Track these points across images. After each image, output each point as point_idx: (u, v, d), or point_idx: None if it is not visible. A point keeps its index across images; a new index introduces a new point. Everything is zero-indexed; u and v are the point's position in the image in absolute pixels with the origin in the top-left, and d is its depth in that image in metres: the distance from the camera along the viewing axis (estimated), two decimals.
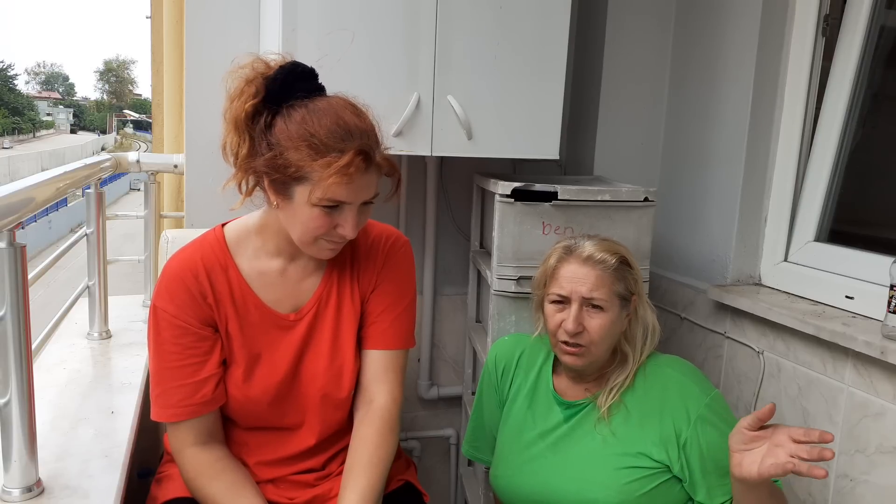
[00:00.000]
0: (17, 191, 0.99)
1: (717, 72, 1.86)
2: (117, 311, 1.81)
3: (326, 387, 1.22)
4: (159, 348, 1.16)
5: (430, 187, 2.08)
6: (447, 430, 2.26)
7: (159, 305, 1.16)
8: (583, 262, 1.26)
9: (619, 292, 1.27)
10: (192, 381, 1.15)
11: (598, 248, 1.28)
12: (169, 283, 1.16)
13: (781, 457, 1.00)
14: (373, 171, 1.08)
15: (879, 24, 1.62)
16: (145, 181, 1.97)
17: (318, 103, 1.08)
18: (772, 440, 1.03)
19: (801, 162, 1.74)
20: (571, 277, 1.26)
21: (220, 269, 1.18)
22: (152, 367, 1.17)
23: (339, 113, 1.07)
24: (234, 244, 1.21)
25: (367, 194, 1.09)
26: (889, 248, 1.51)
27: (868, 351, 1.35)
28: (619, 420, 1.28)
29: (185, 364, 1.15)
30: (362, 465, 1.16)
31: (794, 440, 1.00)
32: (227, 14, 1.81)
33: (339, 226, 1.09)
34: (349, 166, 1.03)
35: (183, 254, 1.20)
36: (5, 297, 0.91)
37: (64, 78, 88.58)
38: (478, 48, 1.66)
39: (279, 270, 1.21)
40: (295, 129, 1.06)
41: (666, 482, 1.24)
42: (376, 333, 1.25)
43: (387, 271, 1.26)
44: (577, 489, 1.27)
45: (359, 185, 1.06)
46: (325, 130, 1.05)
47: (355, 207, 1.09)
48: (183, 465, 1.17)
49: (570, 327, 1.24)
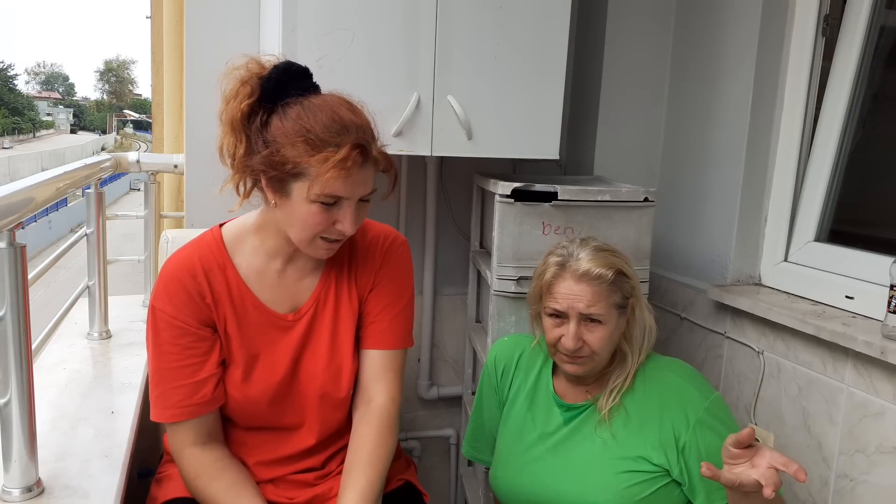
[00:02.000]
0: (17, 191, 0.99)
1: (717, 71, 1.86)
2: (117, 311, 1.81)
3: (325, 386, 1.22)
4: (158, 349, 1.16)
5: (430, 187, 2.08)
6: (447, 430, 2.26)
7: (157, 306, 1.15)
8: (578, 279, 1.24)
9: (616, 302, 1.26)
10: (192, 382, 1.15)
11: (594, 263, 1.25)
12: (167, 283, 1.16)
13: (753, 476, 1.01)
14: (370, 166, 1.09)
15: (879, 24, 1.62)
16: (145, 181, 1.97)
17: (314, 100, 1.08)
18: (753, 461, 1.03)
19: (801, 162, 1.74)
20: (567, 294, 1.24)
21: (218, 269, 1.18)
22: (151, 367, 1.17)
23: (334, 108, 1.07)
24: (231, 244, 1.20)
25: (365, 189, 1.10)
26: (889, 248, 1.51)
27: (868, 351, 1.35)
28: (619, 423, 1.28)
29: (185, 365, 1.15)
30: (361, 465, 1.16)
31: (772, 466, 1.01)
32: (227, 14, 1.81)
33: (338, 222, 1.10)
34: (346, 160, 1.03)
35: (181, 254, 1.19)
36: (5, 297, 0.91)
37: (64, 78, 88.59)
38: (478, 48, 1.66)
39: (277, 270, 1.21)
40: (291, 125, 1.06)
41: (665, 486, 1.24)
42: (375, 333, 1.25)
43: (385, 271, 1.26)
44: (576, 492, 1.27)
45: (356, 179, 1.07)
46: (321, 126, 1.05)
47: (353, 203, 1.09)
48: (183, 465, 1.17)
49: (570, 345, 1.24)
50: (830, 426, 1.47)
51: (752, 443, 1.04)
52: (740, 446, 1.04)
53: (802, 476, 0.98)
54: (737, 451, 1.04)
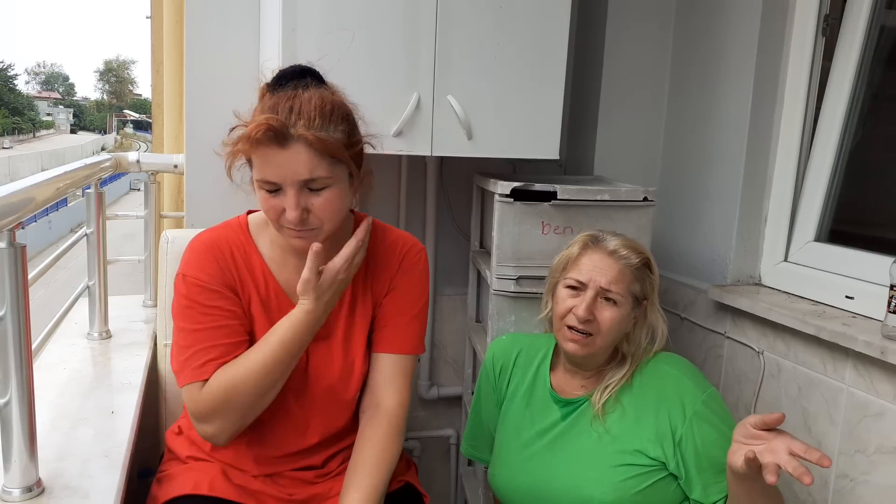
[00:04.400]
0: (17, 191, 0.99)
1: (717, 72, 1.86)
2: (117, 311, 1.80)
3: (334, 386, 1.22)
4: (189, 311, 1.14)
5: (430, 187, 2.08)
6: (447, 430, 2.26)
7: (189, 273, 1.15)
8: (608, 254, 1.28)
9: (634, 292, 1.28)
10: (227, 343, 1.13)
11: (624, 245, 1.30)
12: (198, 254, 1.17)
13: (769, 460, 0.99)
14: (297, 148, 1.04)
15: (879, 24, 1.62)
16: (145, 181, 1.97)
17: (291, 90, 1.08)
18: (771, 444, 1.02)
19: (801, 162, 1.74)
20: (593, 266, 1.27)
21: (244, 252, 1.19)
22: (179, 333, 1.15)
23: (287, 95, 1.07)
24: (255, 231, 1.22)
25: (297, 174, 1.04)
26: (889, 248, 1.51)
27: (868, 351, 1.35)
28: (615, 417, 1.28)
29: (220, 325, 1.14)
30: (366, 467, 1.16)
31: (792, 452, 0.99)
32: (227, 14, 1.81)
33: (285, 209, 1.07)
34: (252, 136, 1.02)
35: (208, 233, 1.21)
36: (5, 297, 0.91)
37: (64, 78, 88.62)
38: (478, 48, 1.66)
39: (294, 265, 1.20)
40: (256, 109, 1.08)
41: (661, 480, 1.24)
42: (387, 337, 1.25)
43: (401, 276, 1.26)
44: (572, 486, 1.27)
45: (279, 161, 1.04)
46: (260, 110, 1.07)
47: (294, 189, 1.05)
48: (209, 396, 1.11)
49: (582, 314, 1.24)
50: (830, 426, 1.47)
51: (775, 427, 1.03)
52: (763, 427, 1.03)
53: (827, 462, 0.96)
54: (755, 431, 1.04)
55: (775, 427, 1.04)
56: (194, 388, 1.12)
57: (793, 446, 0.99)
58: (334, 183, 1.08)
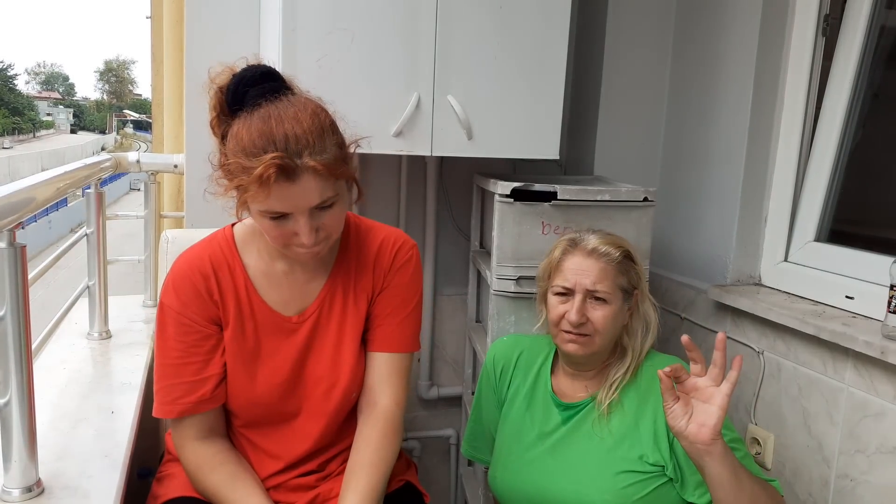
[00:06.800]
0: (17, 191, 0.99)
1: (717, 71, 1.86)
2: (117, 311, 1.80)
3: (331, 390, 1.22)
4: (164, 344, 1.17)
5: (430, 187, 2.08)
6: (447, 430, 2.26)
7: (166, 302, 1.17)
8: (587, 255, 1.28)
9: (622, 285, 1.29)
10: (193, 380, 1.16)
11: (603, 242, 1.30)
12: (176, 280, 1.17)
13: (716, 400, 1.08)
14: (307, 179, 1.01)
15: (879, 24, 1.62)
16: (145, 181, 1.97)
17: (266, 108, 1.03)
18: (696, 397, 1.09)
19: (801, 162, 1.74)
20: (576, 269, 1.28)
21: (228, 268, 1.19)
22: (157, 362, 1.19)
23: (271, 118, 1.02)
24: (242, 244, 1.21)
25: (309, 201, 1.03)
26: (889, 248, 1.50)
27: (868, 351, 1.34)
28: (617, 421, 1.28)
29: (188, 362, 1.16)
30: (364, 466, 1.16)
31: (697, 375, 1.10)
32: (227, 14, 1.81)
33: (296, 234, 1.06)
34: (262, 177, 0.98)
35: (192, 252, 1.20)
36: (5, 297, 0.91)
37: (64, 78, 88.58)
38: (478, 48, 1.66)
39: (284, 272, 1.21)
40: (232, 139, 1.04)
41: (662, 486, 1.24)
42: (382, 336, 1.25)
43: (394, 274, 1.25)
44: (574, 491, 1.27)
45: (290, 194, 1.01)
46: (250, 140, 1.01)
47: (304, 215, 1.04)
48: (185, 458, 1.18)
49: (574, 318, 1.25)
50: (831, 426, 1.47)
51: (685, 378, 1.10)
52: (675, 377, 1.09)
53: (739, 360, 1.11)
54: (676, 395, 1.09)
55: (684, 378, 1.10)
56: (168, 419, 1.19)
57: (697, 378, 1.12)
58: (340, 197, 1.08)
